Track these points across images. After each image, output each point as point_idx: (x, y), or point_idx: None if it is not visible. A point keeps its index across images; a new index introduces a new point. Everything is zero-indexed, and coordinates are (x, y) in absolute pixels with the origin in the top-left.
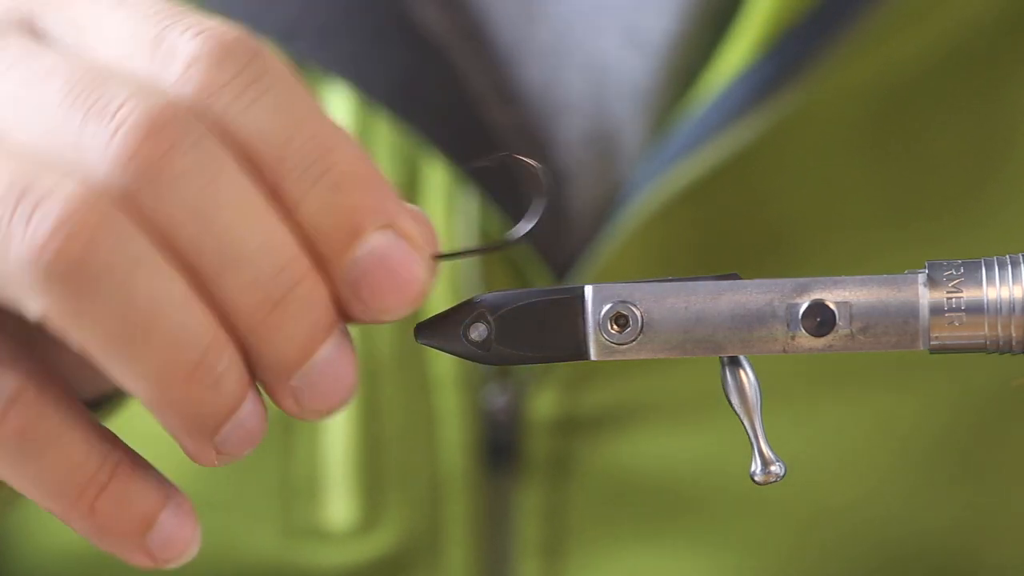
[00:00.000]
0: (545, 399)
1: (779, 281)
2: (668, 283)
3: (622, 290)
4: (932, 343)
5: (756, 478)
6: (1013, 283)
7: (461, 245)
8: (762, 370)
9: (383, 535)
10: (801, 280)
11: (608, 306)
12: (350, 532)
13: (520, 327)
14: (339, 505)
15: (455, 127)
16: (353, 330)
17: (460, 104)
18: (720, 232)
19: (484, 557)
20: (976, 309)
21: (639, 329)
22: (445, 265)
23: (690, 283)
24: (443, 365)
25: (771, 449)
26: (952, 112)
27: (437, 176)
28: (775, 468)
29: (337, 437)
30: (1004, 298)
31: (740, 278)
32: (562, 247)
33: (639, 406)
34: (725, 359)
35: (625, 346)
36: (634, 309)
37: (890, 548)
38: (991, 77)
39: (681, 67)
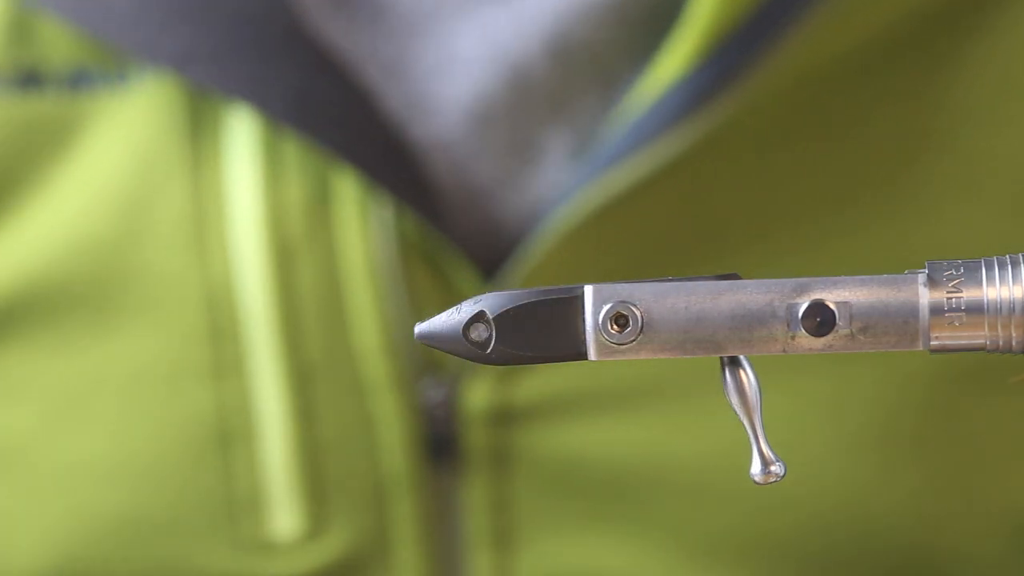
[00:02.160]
0: (479, 391)
1: (779, 281)
2: (668, 283)
3: (622, 290)
4: (932, 343)
5: (756, 478)
6: (1013, 283)
7: (380, 254)
8: (706, 359)
9: (331, 542)
10: (801, 280)
11: (608, 306)
12: (297, 542)
13: (520, 327)
14: (284, 515)
15: (364, 139)
16: (279, 335)
17: (368, 117)
18: (658, 235)
19: (435, 554)
20: (976, 309)
21: (639, 329)
22: (368, 277)
23: (690, 283)
24: (375, 365)
25: (771, 449)
26: (887, 101)
27: (349, 188)
28: (775, 468)
29: (275, 447)
30: (1004, 298)
31: (740, 278)
32: (490, 254)
33: (576, 396)
34: (725, 359)
35: (625, 346)
36: (634, 309)
37: (841, 533)
38: (924, 66)
39: (606, 76)
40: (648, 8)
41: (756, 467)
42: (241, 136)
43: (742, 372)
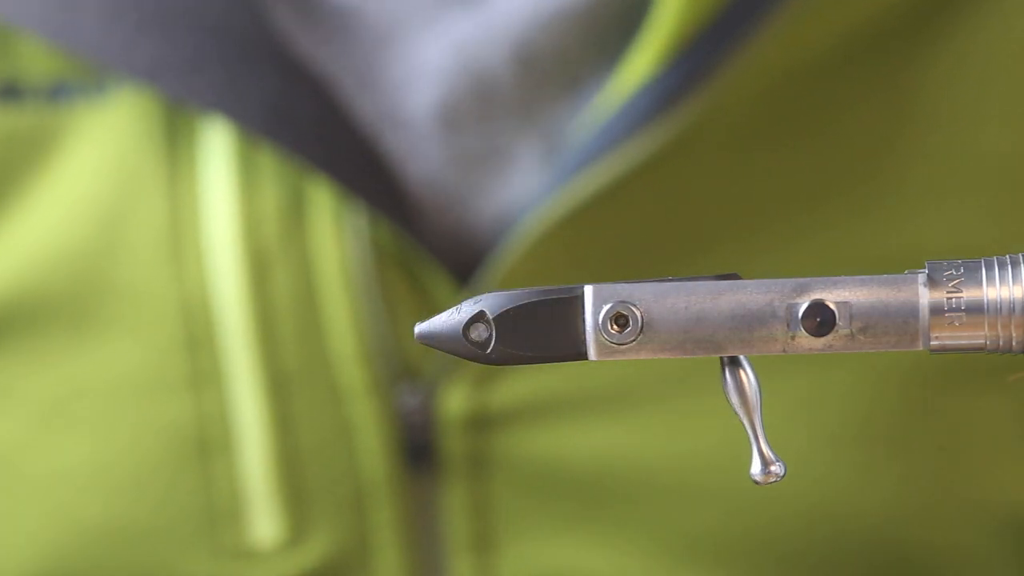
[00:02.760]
0: (455, 397)
1: (779, 281)
2: (668, 283)
3: (622, 290)
4: (932, 343)
5: (756, 478)
6: (1013, 283)
7: (355, 262)
8: (694, 362)
9: (312, 549)
10: (801, 280)
11: (608, 306)
12: (278, 549)
13: (520, 327)
14: (264, 523)
15: (338, 148)
16: (256, 344)
17: (341, 127)
18: (633, 236)
19: (416, 560)
20: (976, 309)
21: (639, 329)
22: (343, 285)
23: (690, 283)
24: (351, 372)
25: (771, 449)
26: (858, 100)
27: (323, 196)
28: (775, 468)
29: (253, 455)
30: (1004, 298)
31: (740, 278)
32: (464, 260)
33: (553, 400)
34: (725, 359)
35: (625, 346)
36: (634, 309)
37: (821, 532)
38: (894, 65)
39: (572, 82)
40: (615, 13)
41: (756, 467)
42: (216, 146)
43: (742, 372)
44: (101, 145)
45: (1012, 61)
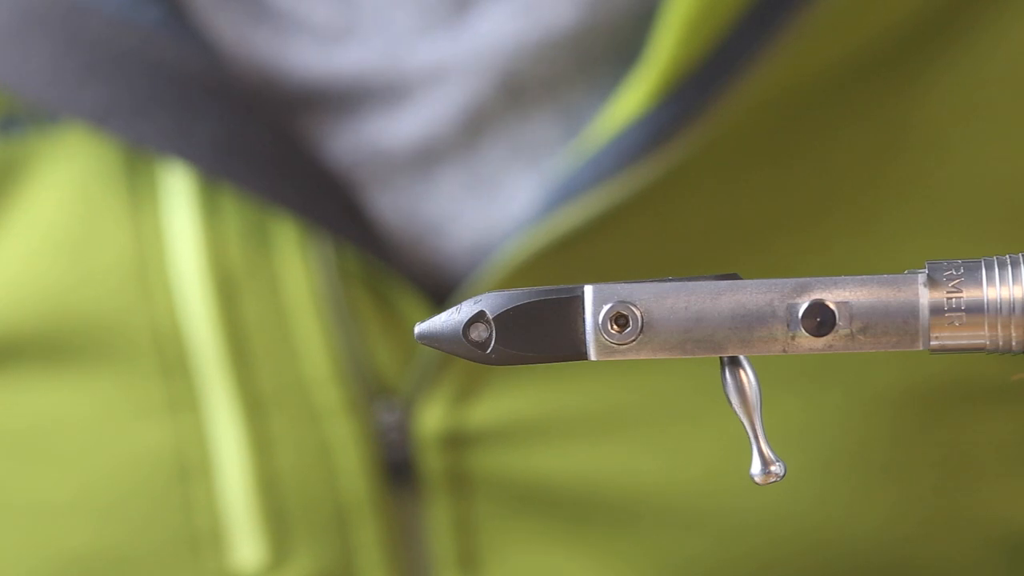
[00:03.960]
0: (432, 415)
1: (779, 281)
2: (668, 283)
3: (622, 290)
4: (932, 343)
5: (756, 478)
6: (1013, 283)
7: (323, 285)
8: (677, 385)
9: (294, 571)
10: (801, 280)
11: (608, 306)
12: (260, 573)
13: (520, 327)
14: (246, 547)
15: (297, 182)
16: (229, 368)
17: (299, 159)
18: (617, 268)
19: None
20: (976, 309)
21: (639, 329)
22: (312, 307)
23: (690, 283)
24: (326, 392)
25: (771, 449)
26: (848, 127)
27: (288, 227)
28: (775, 468)
29: (233, 479)
30: (1004, 298)
31: (740, 278)
32: (438, 288)
33: (530, 421)
34: (725, 359)
35: (625, 346)
36: (634, 309)
37: (814, 557)
38: (887, 92)
39: (562, 111)
40: (605, 37)
41: (756, 467)
42: (178, 175)
43: (742, 372)
44: (60, 177)
45: (1009, 87)
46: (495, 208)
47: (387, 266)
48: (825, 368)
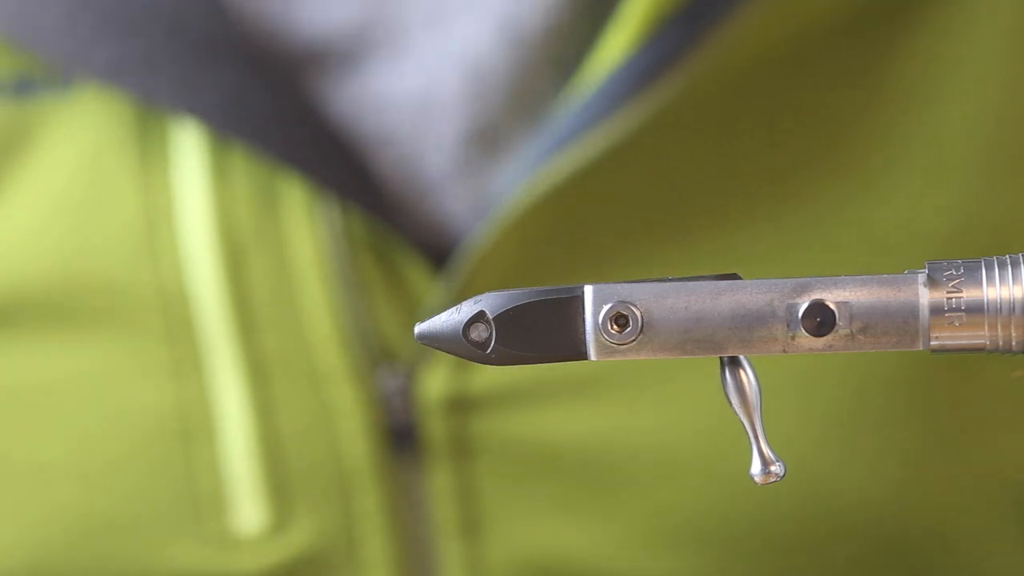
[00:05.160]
0: (435, 380)
1: (779, 281)
2: (668, 283)
3: (622, 290)
4: (932, 343)
5: (756, 478)
6: (1013, 283)
7: (329, 250)
8: None
9: (296, 536)
10: (801, 280)
11: (608, 306)
12: (262, 536)
13: (520, 327)
14: (248, 510)
15: (304, 141)
16: (234, 332)
17: (307, 118)
18: (611, 216)
19: (403, 545)
20: (976, 309)
21: (639, 329)
22: (318, 272)
23: (690, 283)
24: (330, 356)
25: (771, 449)
26: (833, 80)
27: (295, 187)
28: (775, 468)
29: (236, 442)
30: (1004, 298)
31: (740, 278)
32: (442, 246)
33: (533, 384)
34: (725, 359)
35: (625, 346)
36: (634, 309)
37: (810, 513)
38: (875, 42)
39: (558, 60)
40: None
41: (756, 467)
42: (188, 138)
43: (742, 372)
44: (72, 140)
45: (993, 39)
46: (495, 163)
47: (392, 230)
48: None
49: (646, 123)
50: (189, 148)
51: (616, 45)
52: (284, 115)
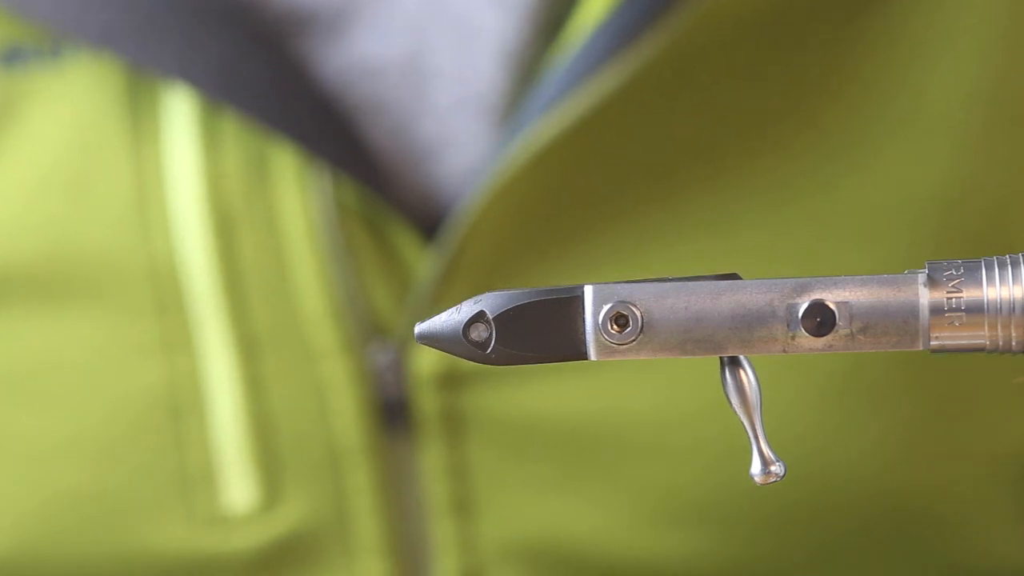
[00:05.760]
0: (427, 355)
1: (779, 281)
2: (668, 283)
3: (622, 290)
4: (932, 343)
5: (756, 478)
6: (1013, 283)
7: (320, 221)
8: None
9: (287, 513)
10: (801, 280)
11: (608, 306)
12: (253, 514)
13: (520, 327)
14: (238, 488)
15: (297, 109)
16: (224, 307)
17: (300, 86)
18: (600, 177)
19: (395, 522)
20: (976, 309)
21: (639, 329)
22: (309, 244)
23: (690, 283)
24: (321, 331)
25: (771, 449)
26: (830, 34)
27: (286, 159)
28: (775, 468)
29: (226, 419)
30: (1004, 298)
31: (740, 278)
32: (436, 214)
33: None
34: (725, 359)
35: (625, 346)
36: (634, 309)
37: (806, 486)
38: (865, 5)
39: (548, 24)
40: None
41: (756, 467)
42: (179, 108)
43: (742, 372)
44: (62, 111)
45: (986, 1)
46: (484, 129)
47: (384, 200)
48: None
49: (629, 81)
50: (180, 118)
51: (598, 4)
52: (277, 82)
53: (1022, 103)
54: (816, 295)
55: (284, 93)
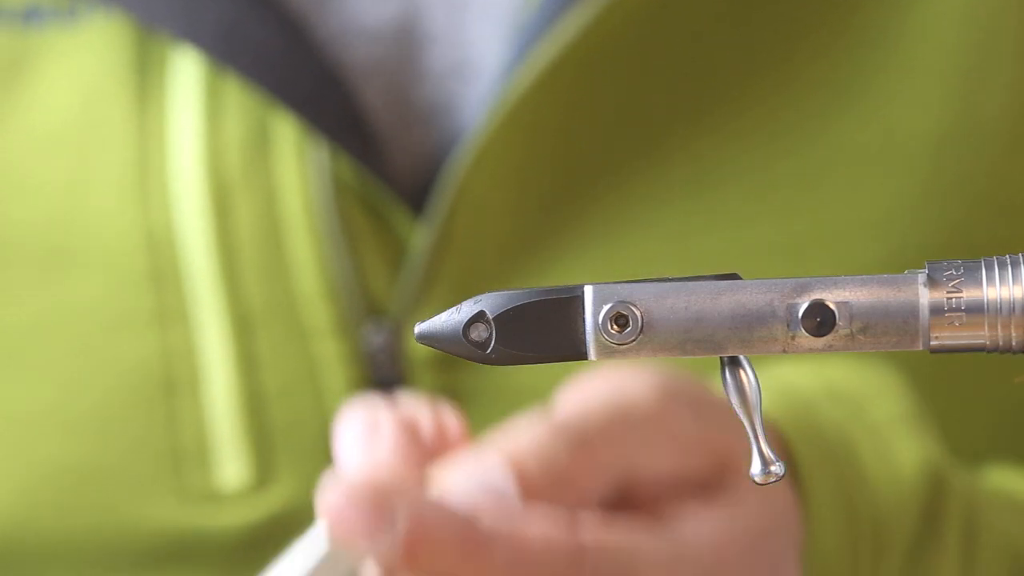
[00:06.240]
0: None
1: (779, 281)
2: (668, 283)
3: (622, 290)
4: (932, 343)
5: (756, 479)
6: (1013, 283)
7: (317, 197)
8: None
9: (278, 491)
10: (801, 280)
11: (608, 306)
12: (244, 492)
13: (520, 327)
14: (230, 465)
15: (297, 74)
16: (219, 281)
17: (301, 51)
18: (589, 136)
19: None
20: (976, 309)
21: (639, 329)
22: (306, 220)
23: (690, 283)
24: (316, 310)
25: (771, 449)
26: None
27: (287, 128)
28: (775, 468)
29: (219, 396)
30: (1004, 298)
31: (740, 278)
32: (425, 181)
33: None
34: (725, 359)
35: (625, 346)
36: (634, 309)
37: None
38: None
39: None
40: None
41: (756, 467)
42: (185, 75)
43: (742, 372)
44: (72, 72)
45: None
46: (479, 94)
47: (380, 178)
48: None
49: (608, 35)
50: (185, 85)
51: None
52: (278, 45)
53: (1011, 40)
54: (816, 295)
55: (285, 56)
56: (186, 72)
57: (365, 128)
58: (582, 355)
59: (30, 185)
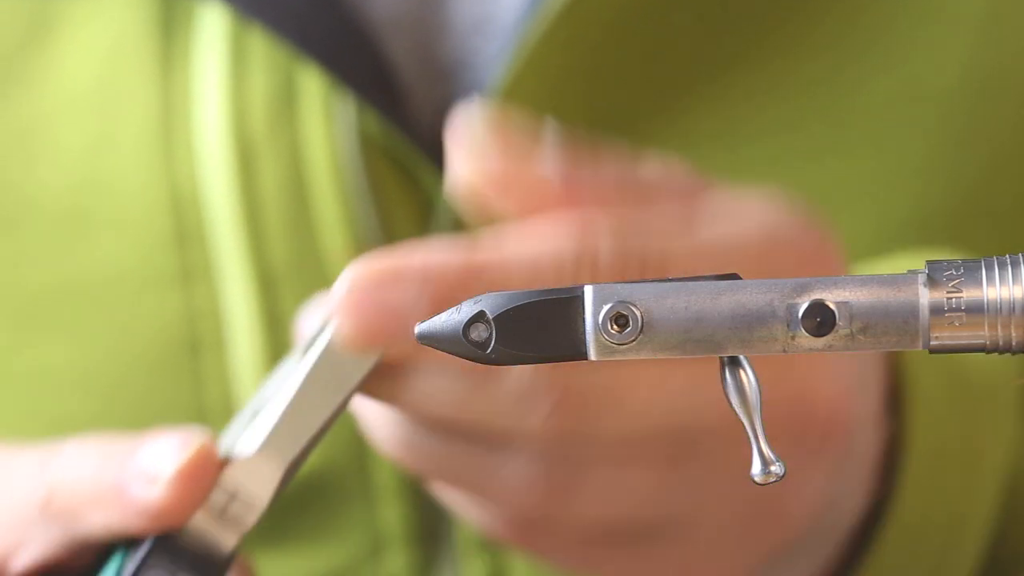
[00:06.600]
0: None
1: (779, 281)
2: (668, 283)
3: (622, 290)
4: (932, 343)
5: (756, 478)
6: (1013, 283)
7: (344, 152)
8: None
9: None
10: (801, 280)
11: (608, 306)
12: None
13: (520, 327)
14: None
15: (325, 28)
16: (244, 239)
17: (326, 3)
18: (608, 90)
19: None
20: (976, 309)
21: (639, 329)
22: (332, 177)
23: (690, 283)
24: (342, 268)
25: (771, 449)
26: None
27: (313, 83)
28: (775, 468)
29: (244, 356)
30: (1004, 298)
31: (740, 278)
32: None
33: None
34: (725, 359)
35: (625, 346)
36: (634, 309)
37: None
38: None
39: None
40: None
41: (756, 467)
42: (211, 32)
43: (742, 372)
44: (95, 31)
45: None
46: (502, 50)
47: (406, 134)
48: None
49: None
50: (210, 42)
51: None
52: (305, 0)
53: None
54: (816, 295)
55: (311, 10)
56: (211, 29)
57: (391, 83)
58: (582, 355)
59: (54, 147)
